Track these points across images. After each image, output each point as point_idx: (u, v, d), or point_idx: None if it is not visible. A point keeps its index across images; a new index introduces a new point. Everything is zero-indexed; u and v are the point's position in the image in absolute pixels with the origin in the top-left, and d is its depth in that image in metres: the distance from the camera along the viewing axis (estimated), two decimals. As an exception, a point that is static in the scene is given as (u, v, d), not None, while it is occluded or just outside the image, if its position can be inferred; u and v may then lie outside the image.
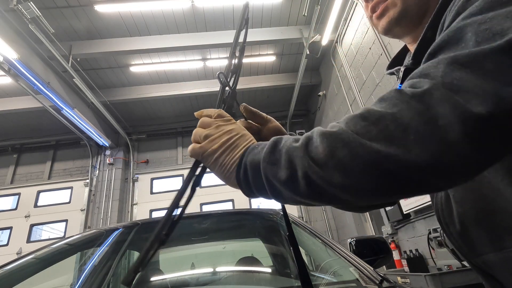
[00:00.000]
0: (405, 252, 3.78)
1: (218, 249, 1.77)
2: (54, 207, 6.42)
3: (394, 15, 0.55)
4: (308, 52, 5.06)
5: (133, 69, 5.72)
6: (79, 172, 6.85)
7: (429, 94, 0.33)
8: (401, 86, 0.37)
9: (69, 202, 6.49)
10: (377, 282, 0.90)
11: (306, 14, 4.67)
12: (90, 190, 6.51)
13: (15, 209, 6.37)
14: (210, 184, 6.69)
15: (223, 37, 5.02)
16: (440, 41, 0.38)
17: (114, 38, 4.94)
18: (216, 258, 1.86)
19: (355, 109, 4.34)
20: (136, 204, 6.60)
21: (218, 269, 1.56)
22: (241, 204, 6.44)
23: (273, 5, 4.74)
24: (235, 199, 6.54)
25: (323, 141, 0.36)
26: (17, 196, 6.51)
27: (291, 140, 0.41)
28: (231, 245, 1.80)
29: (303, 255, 1.00)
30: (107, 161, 6.74)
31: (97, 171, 6.72)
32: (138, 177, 6.89)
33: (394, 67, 0.65)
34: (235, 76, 0.60)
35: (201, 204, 6.58)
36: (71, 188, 6.64)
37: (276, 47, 5.68)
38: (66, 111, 5.19)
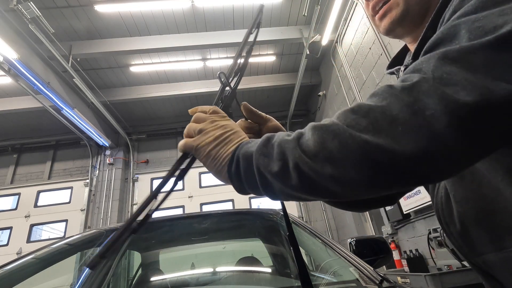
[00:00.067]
0: (405, 252, 3.78)
1: (218, 249, 1.77)
2: (54, 207, 6.42)
3: (396, 15, 0.56)
4: (308, 52, 5.06)
5: (133, 69, 5.72)
6: (79, 172, 6.85)
7: (417, 87, 0.33)
8: None
9: (69, 202, 6.50)
10: (377, 282, 0.90)
11: (306, 14, 4.67)
12: (90, 190, 6.51)
13: (15, 209, 6.37)
14: (210, 184, 6.70)
15: (223, 37, 5.03)
16: (435, 39, 0.38)
17: (114, 38, 4.94)
18: (216, 258, 1.86)
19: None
20: (136, 204, 6.59)
21: (218, 269, 1.56)
22: (241, 204, 6.44)
23: (273, 5, 4.74)
24: (235, 199, 6.54)
25: (314, 134, 0.37)
26: (17, 196, 6.51)
27: (284, 134, 0.42)
28: (231, 245, 1.80)
29: (303, 255, 1.00)
30: (107, 161, 6.74)
31: (97, 171, 6.73)
32: (138, 177, 6.89)
33: (394, 67, 0.65)
34: (238, 76, 0.60)
35: (201, 204, 6.58)
36: (71, 188, 6.64)
37: (276, 47, 5.68)
38: (66, 111, 5.19)
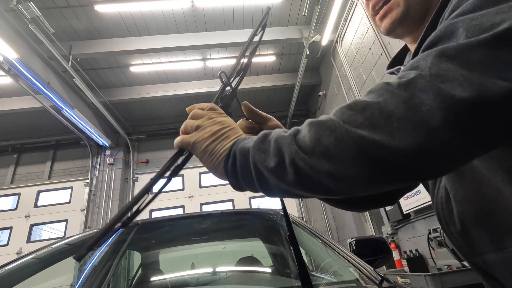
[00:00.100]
0: (405, 252, 3.78)
1: (218, 249, 1.77)
2: (54, 207, 6.42)
3: (397, 15, 0.55)
4: (308, 52, 5.06)
5: (133, 69, 5.72)
6: (79, 172, 6.85)
7: (414, 83, 0.33)
8: None
9: (69, 202, 6.50)
10: (377, 282, 0.90)
11: (306, 14, 4.67)
12: (90, 190, 6.51)
13: (15, 209, 6.37)
14: (210, 184, 6.70)
15: (223, 37, 5.03)
16: (433, 37, 0.38)
17: (114, 38, 4.94)
18: (216, 258, 1.86)
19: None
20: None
21: (218, 269, 1.56)
22: (241, 204, 6.44)
23: (273, 5, 4.74)
24: (235, 199, 6.54)
25: (310, 130, 0.37)
26: (17, 196, 6.51)
27: (281, 131, 0.42)
28: (231, 245, 1.80)
29: (303, 255, 1.00)
30: (107, 161, 6.74)
31: (97, 171, 6.73)
32: (138, 177, 6.89)
33: (394, 67, 0.65)
34: (240, 76, 0.60)
35: (201, 204, 6.58)
36: (71, 188, 6.64)
37: (276, 47, 5.68)
38: (66, 111, 5.19)
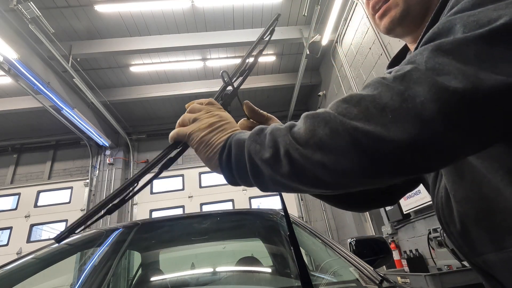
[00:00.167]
0: (405, 252, 3.78)
1: (218, 249, 1.77)
2: (54, 207, 6.42)
3: (396, 15, 0.55)
4: (308, 52, 5.06)
5: (133, 69, 5.72)
6: (79, 172, 6.84)
7: (409, 76, 0.34)
8: None
9: (69, 202, 6.50)
10: (377, 282, 0.90)
11: (306, 14, 4.67)
12: (90, 190, 6.51)
13: (15, 209, 6.37)
14: (210, 184, 6.70)
15: (223, 37, 5.03)
16: (431, 33, 0.38)
17: (114, 38, 4.94)
18: (216, 258, 1.86)
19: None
20: (136, 204, 6.59)
21: (218, 269, 1.56)
22: (241, 204, 6.44)
23: (273, 5, 4.74)
24: (235, 199, 6.54)
25: (306, 122, 0.38)
26: (17, 196, 6.51)
27: (277, 125, 0.43)
28: (231, 245, 1.80)
29: (303, 255, 1.00)
30: (107, 161, 6.74)
31: (97, 171, 6.72)
32: (138, 177, 6.88)
33: (394, 67, 0.65)
34: (243, 77, 0.60)
35: (201, 204, 6.58)
36: (71, 188, 6.64)
37: (276, 47, 5.68)
38: (66, 111, 5.19)
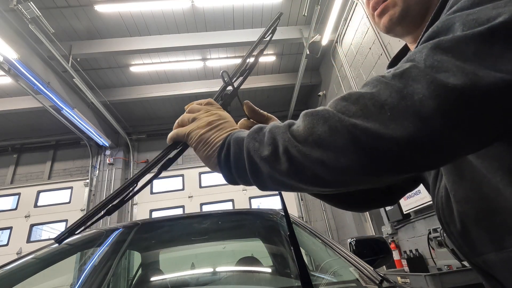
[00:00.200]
0: (405, 252, 3.78)
1: (218, 249, 1.77)
2: (54, 207, 6.42)
3: (396, 14, 0.55)
4: (308, 52, 5.06)
5: (133, 69, 5.72)
6: (79, 172, 6.84)
7: (407, 73, 0.34)
8: None
9: (69, 202, 6.50)
10: (377, 282, 0.90)
11: (306, 14, 4.67)
12: (90, 190, 6.51)
13: (15, 209, 6.37)
14: (210, 184, 6.70)
15: (223, 37, 5.03)
16: (431, 32, 0.39)
17: (114, 38, 4.94)
18: (216, 258, 1.86)
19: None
20: (136, 204, 6.60)
21: (218, 269, 1.56)
22: (241, 204, 6.44)
23: (273, 5, 4.74)
24: (235, 199, 6.54)
25: (305, 120, 0.38)
26: (17, 196, 6.51)
27: (276, 123, 0.43)
28: (231, 245, 1.80)
29: (303, 255, 1.00)
30: (107, 161, 6.74)
31: (97, 171, 6.72)
32: (138, 177, 6.88)
33: (394, 66, 0.65)
34: (244, 76, 0.60)
35: (201, 204, 6.58)
36: (71, 188, 6.64)
37: (276, 47, 5.68)
38: (66, 111, 5.19)
